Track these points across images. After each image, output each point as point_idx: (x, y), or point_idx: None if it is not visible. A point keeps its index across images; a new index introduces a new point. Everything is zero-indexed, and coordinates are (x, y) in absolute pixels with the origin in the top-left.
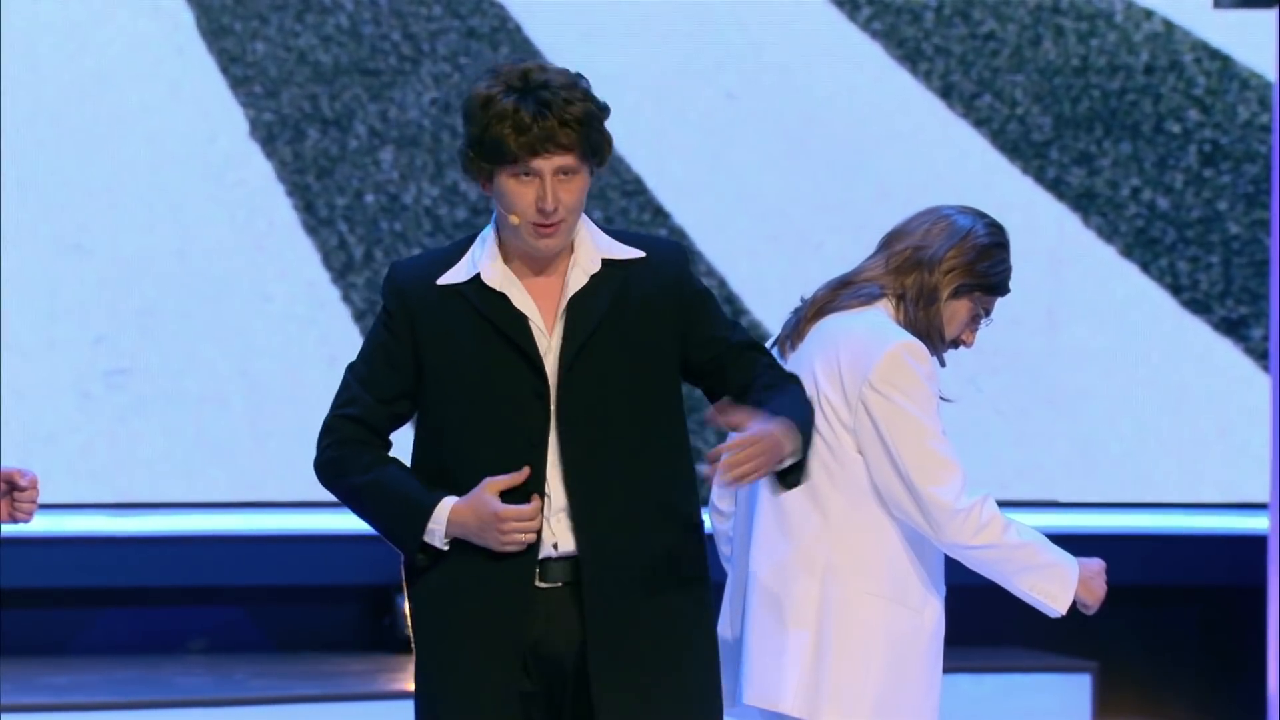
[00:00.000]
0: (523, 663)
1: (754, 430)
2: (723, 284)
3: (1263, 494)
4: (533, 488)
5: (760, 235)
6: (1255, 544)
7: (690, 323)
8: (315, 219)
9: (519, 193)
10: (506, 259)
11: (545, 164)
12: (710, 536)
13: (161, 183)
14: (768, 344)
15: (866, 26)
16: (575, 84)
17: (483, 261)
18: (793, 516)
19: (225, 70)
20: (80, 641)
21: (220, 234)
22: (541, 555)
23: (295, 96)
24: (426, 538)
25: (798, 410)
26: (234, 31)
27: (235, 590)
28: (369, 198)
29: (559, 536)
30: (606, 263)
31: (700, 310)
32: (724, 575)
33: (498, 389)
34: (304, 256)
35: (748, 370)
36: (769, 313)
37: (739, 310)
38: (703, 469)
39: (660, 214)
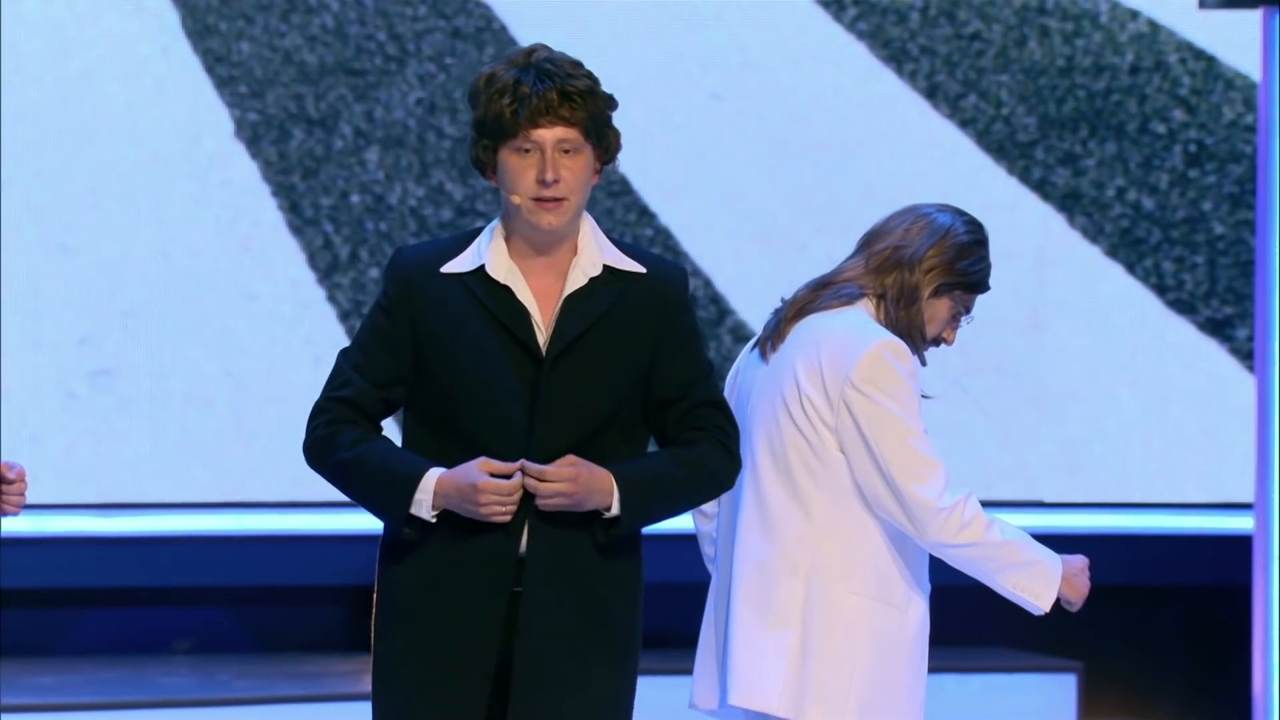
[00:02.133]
0: (494, 669)
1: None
2: (708, 284)
3: (1247, 494)
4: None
5: (746, 235)
6: (1240, 544)
7: (664, 352)
8: (300, 219)
9: (520, 168)
10: (512, 252)
11: (546, 135)
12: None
13: (146, 183)
14: (749, 345)
15: (852, 27)
16: (580, 65)
17: (488, 253)
18: (776, 517)
19: (210, 70)
20: (65, 642)
21: (205, 234)
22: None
23: (280, 96)
24: (414, 509)
25: (645, 467)
26: (219, 31)
27: (220, 591)
28: (354, 198)
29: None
30: (608, 269)
31: (679, 345)
32: (707, 576)
33: (498, 379)
34: (289, 257)
35: (680, 426)
36: (754, 313)
37: (724, 310)
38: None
39: (646, 214)
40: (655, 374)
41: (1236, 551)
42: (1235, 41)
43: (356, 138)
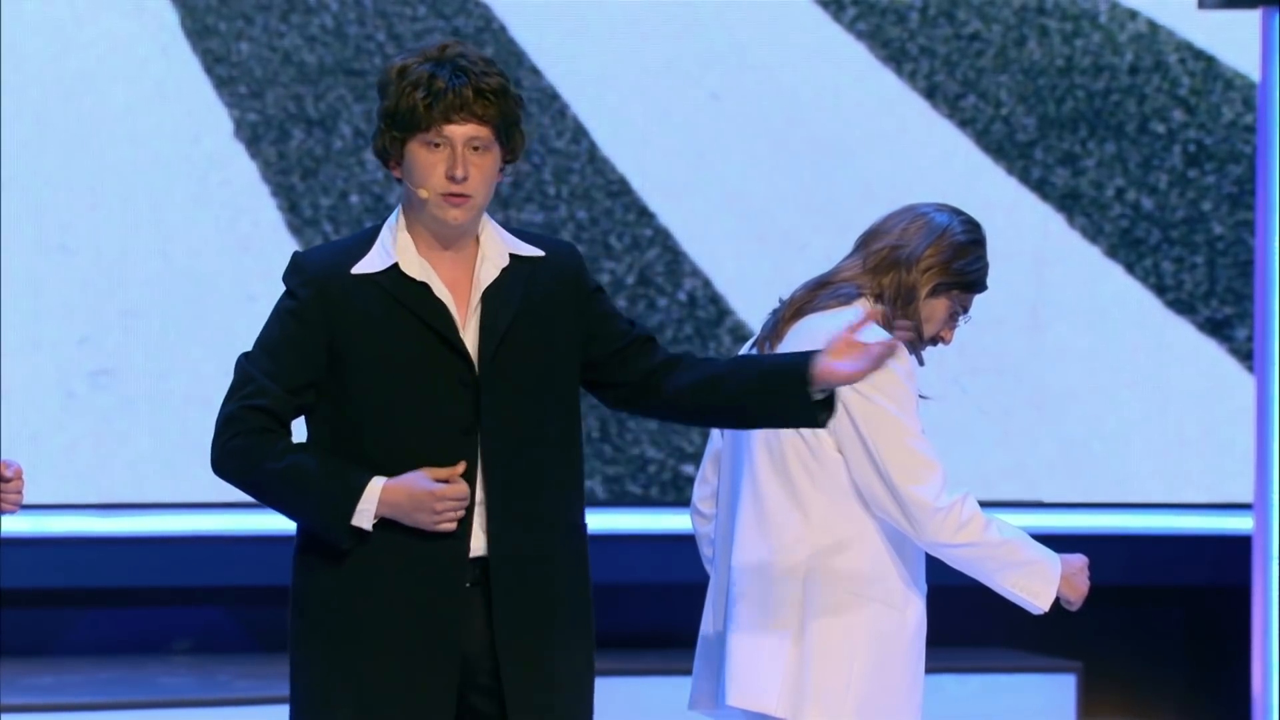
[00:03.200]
0: (459, 666)
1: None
2: (708, 284)
3: (1246, 494)
4: (465, 477)
5: (745, 236)
6: (1239, 544)
7: (593, 319)
8: (300, 219)
9: (429, 162)
10: (419, 247)
11: (457, 131)
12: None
13: (146, 183)
14: (747, 345)
15: (851, 27)
16: (493, 63)
17: (398, 251)
18: (774, 517)
19: (210, 70)
20: (65, 642)
21: (205, 234)
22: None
23: (280, 97)
24: (355, 519)
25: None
26: (218, 32)
27: (220, 590)
28: (354, 198)
29: (474, 535)
30: (513, 258)
31: (600, 306)
32: (706, 577)
33: (424, 378)
34: (289, 257)
35: (648, 357)
36: (754, 313)
37: (724, 311)
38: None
39: (645, 214)
40: (595, 340)
41: (1236, 552)
42: (1234, 41)
43: (356, 138)
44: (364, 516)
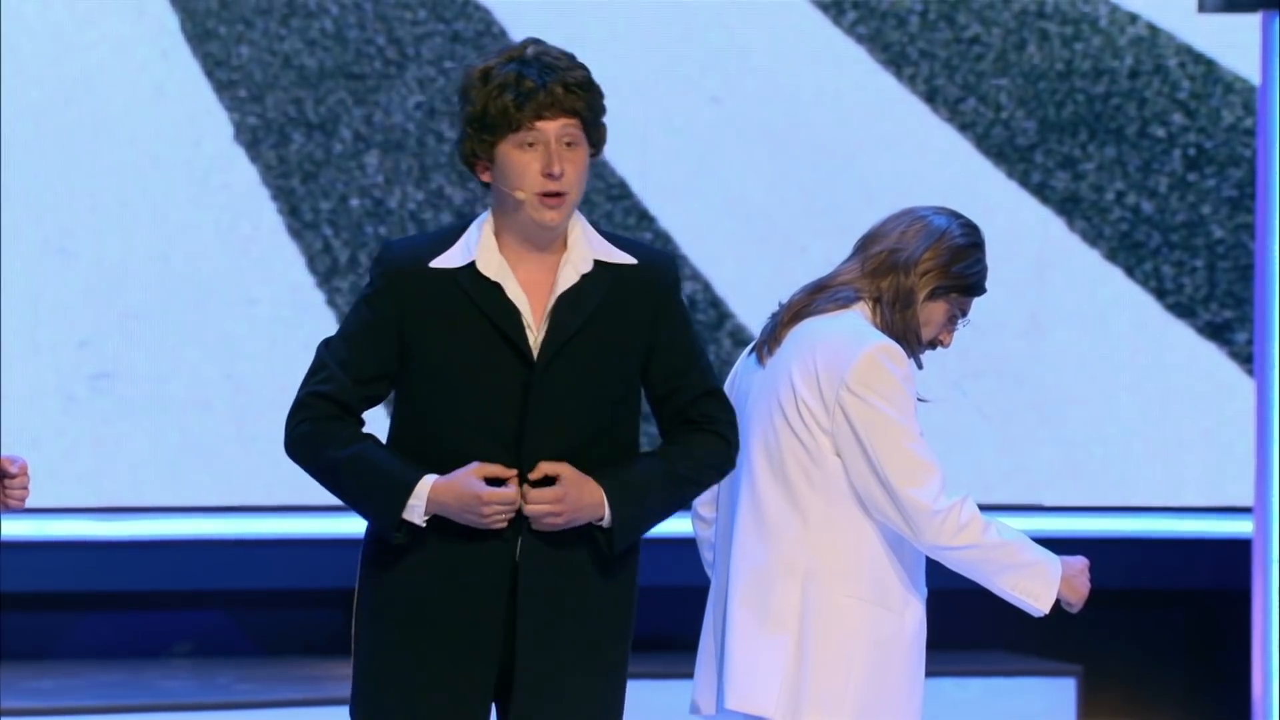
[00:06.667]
0: (496, 669)
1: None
2: (708, 287)
3: (1247, 498)
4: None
5: (745, 239)
6: (1239, 547)
7: (659, 345)
8: (300, 223)
9: (523, 162)
10: (502, 247)
11: (550, 127)
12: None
13: (146, 186)
14: (746, 349)
15: (851, 30)
16: (574, 57)
17: (478, 249)
18: (772, 521)
19: (210, 74)
20: (65, 646)
21: (205, 238)
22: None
23: (280, 100)
24: (406, 514)
25: (636, 472)
26: (219, 35)
27: (220, 594)
28: (354, 202)
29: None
30: (598, 264)
31: (673, 337)
32: (707, 580)
33: (486, 378)
34: (289, 260)
35: (678, 418)
36: (754, 316)
37: (724, 314)
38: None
39: (645, 218)
40: (651, 366)
41: (1236, 555)
42: (1234, 45)
43: (356, 141)
44: (414, 512)
